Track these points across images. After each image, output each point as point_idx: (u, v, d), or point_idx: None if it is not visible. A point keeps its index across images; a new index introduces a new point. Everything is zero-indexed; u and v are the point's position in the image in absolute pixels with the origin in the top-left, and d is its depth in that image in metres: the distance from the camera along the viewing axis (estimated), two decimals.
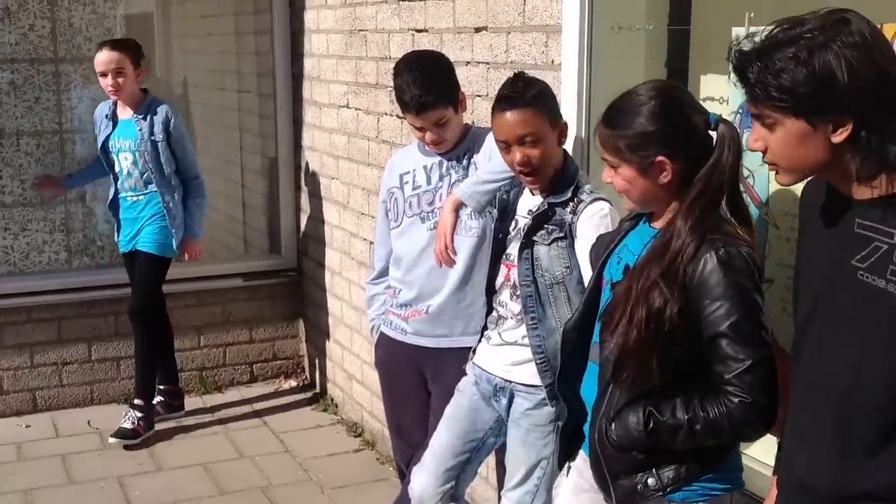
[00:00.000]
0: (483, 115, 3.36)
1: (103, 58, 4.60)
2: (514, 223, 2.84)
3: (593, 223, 2.61)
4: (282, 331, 5.64)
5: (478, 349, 2.97)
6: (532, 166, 2.67)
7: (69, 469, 4.52)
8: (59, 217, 5.42)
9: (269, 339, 5.62)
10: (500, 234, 2.86)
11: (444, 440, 3.00)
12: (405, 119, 3.24)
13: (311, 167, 5.30)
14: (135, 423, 4.71)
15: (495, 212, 2.90)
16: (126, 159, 4.71)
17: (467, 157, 3.18)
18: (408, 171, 3.29)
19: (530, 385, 2.79)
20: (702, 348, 1.98)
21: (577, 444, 2.39)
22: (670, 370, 2.01)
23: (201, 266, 5.25)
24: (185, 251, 4.85)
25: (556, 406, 2.72)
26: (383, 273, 3.45)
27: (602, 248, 2.31)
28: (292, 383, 5.60)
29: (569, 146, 2.88)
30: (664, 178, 2.08)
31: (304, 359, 5.69)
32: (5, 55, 5.20)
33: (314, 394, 5.47)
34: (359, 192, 4.68)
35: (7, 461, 4.60)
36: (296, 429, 5.00)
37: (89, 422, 4.96)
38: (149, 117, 4.66)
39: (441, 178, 3.21)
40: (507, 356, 2.84)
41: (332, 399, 5.29)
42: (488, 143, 3.02)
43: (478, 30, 3.54)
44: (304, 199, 5.45)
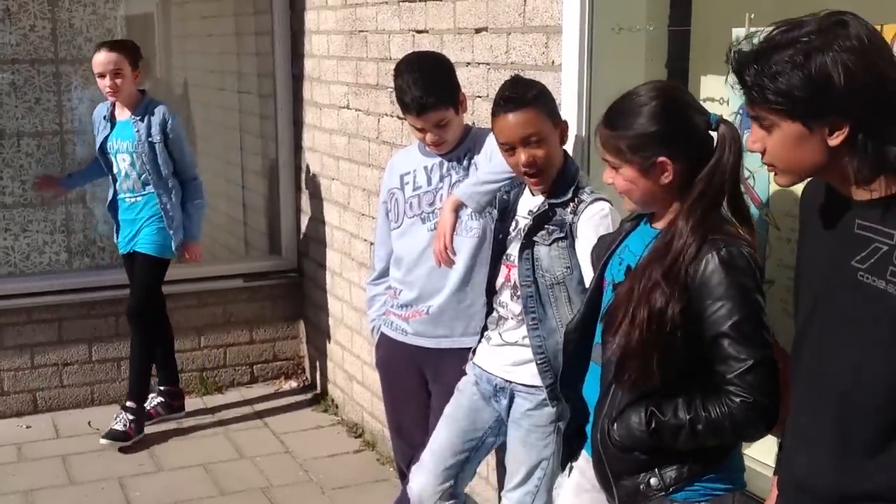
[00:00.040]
0: (483, 116, 3.36)
1: (101, 59, 4.59)
2: (514, 224, 2.84)
3: (594, 223, 2.61)
4: (282, 332, 5.64)
5: (478, 349, 2.97)
6: (537, 167, 2.67)
7: (70, 470, 4.52)
8: (59, 218, 5.42)
9: (270, 340, 5.62)
10: (501, 235, 2.86)
11: (444, 439, 3.00)
12: (406, 120, 3.25)
13: (311, 168, 5.30)
14: (126, 425, 4.70)
15: (495, 212, 2.90)
16: (124, 161, 4.70)
17: (468, 157, 3.18)
18: (408, 172, 3.29)
19: (531, 385, 2.79)
20: (703, 348, 1.99)
21: (579, 445, 2.39)
22: (672, 370, 2.01)
23: (202, 267, 5.24)
24: (186, 253, 4.85)
25: (557, 406, 2.73)
26: (384, 274, 3.45)
27: (603, 249, 2.31)
28: (293, 384, 5.60)
29: (569, 147, 2.88)
30: (665, 179, 2.08)
31: (304, 360, 5.69)
32: (6, 56, 5.20)
33: (314, 394, 5.47)
34: (359, 193, 4.68)
35: (7, 462, 4.60)
36: (296, 429, 5.00)
37: (90, 422, 4.96)
38: (146, 118, 4.64)
39: (442, 178, 3.21)
40: (508, 356, 2.84)
41: (332, 400, 5.29)
42: (489, 143, 3.02)
43: (478, 30, 3.54)
44: (305, 200, 5.45)
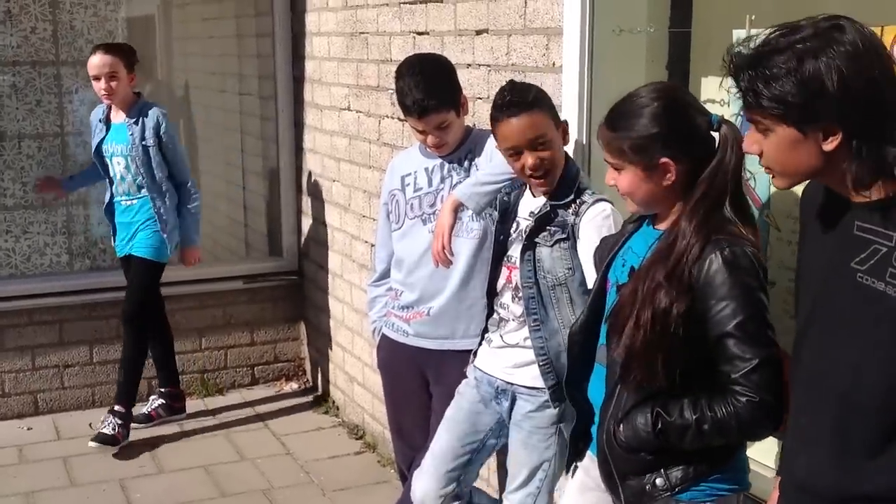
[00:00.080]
0: (484, 118, 3.35)
1: (96, 61, 4.58)
2: (515, 225, 2.84)
3: (595, 224, 2.61)
4: (283, 333, 5.64)
5: (478, 352, 2.97)
6: (544, 168, 2.68)
7: (70, 471, 4.52)
8: (60, 220, 5.43)
9: (271, 342, 5.62)
10: (501, 236, 2.86)
11: (445, 442, 3.00)
12: (407, 122, 3.25)
13: (312, 170, 5.30)
14: (115, 429, 4.67)
15: (496, 214, 2.90)
16: (119, 164, 4.70)
17: (469, 159, 3.18)
18: (409, 173, 3.29)
19: (532, 387, 2.79)
20: (708, 348, 1.99)
21: (584, 446, 2.39)
22: (677, 371, 2.01)
23: (202, 268, 5.23)
24: (184, 258, 4.85)
25: (559, 408, 2.73)
26: (385, 275, 3.44)
27: (606, 251, 2.31)
28: (293, 386, 5.60)
29: (570, 148, 2.88)
30: (668, 180, 2.09)
31: (305, 361, 5.69)
32: (7, 58, 5.21)
33: (315, 396, 5.47)
34: (360, 195, 4.68)
35: (8, 464, 4.60)
36: (297, 431, 5.00)
37: (91, 424, 4.94)
38: (140, 121, 4.63)
39: (442, 180, 3.21)
40: (509, 358, 2.84)
41: (333, 401, 5.29)
42: (489, 145, 3.02)
43: (479, 32, 3.54)
44: (306, 202, 5.45)
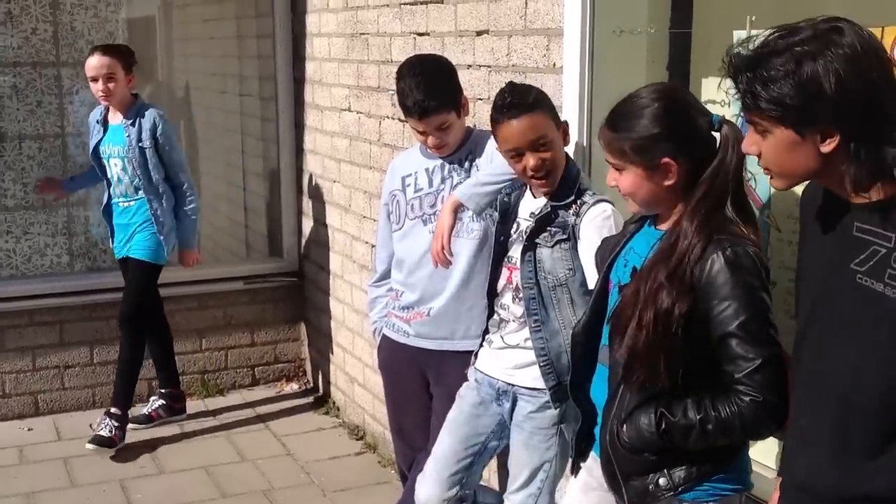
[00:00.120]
0: (484, 119, 3.35)
1: (94, 63, 4.58)
2: (515, 226, 2.84)
3: (596, 225, 2.62)
4: (283, 334, 5.64)
5: (479, 353, 2.97)
6: (546, 169, 2.68)
7: (71, 472, 4.52)
8: (61, 220, 5.43)
9: (271, 343, 5.62)
10: (502, 237, 2.86)
11: (447, 446, 3.00)
12: (407, 123, 3.25)
13: (312, 171, 5.30)
14: (112, 431, 4.67)
15: (496, 214, 2.90)
16: (116, 165, 4.70)
17: (469, 159, 3.18)
18: (410, 174, 3.29)
19: (533, 388, 2.79)
20: (711, 349, 1.99)
21: (588, 446, 2.39)
22: (679, 371, 2.01)
23: (203, 269, 5.24)
24: (182, 260, 4.85)
25: (560, 408, 2.73)
26: (385, 276, 3.45)
27: (608, 251, 2.31)
28: (294, 386, 5.60)
29: (570, 149, 2.88)
30: (669, 180, 2.09)
31: (305, 362, 5.69)
32: (7, 59, 5.21)
33: (316, 397, 5.47)
34: (360, 196, 4.68)
35: (9, 464, 4.60)
36: (297, 432, 5.00)
37: (91, 425, 4.93)
38: (137, 122, 4.63)
39: (443, 180, 3.21)
40: (510, 359, 2.85)
41: (333, 402, 5.29)
42: (490, 145, 3.02)
43: (479, 33, 3.54)
44: (306, 203, 5.45)
